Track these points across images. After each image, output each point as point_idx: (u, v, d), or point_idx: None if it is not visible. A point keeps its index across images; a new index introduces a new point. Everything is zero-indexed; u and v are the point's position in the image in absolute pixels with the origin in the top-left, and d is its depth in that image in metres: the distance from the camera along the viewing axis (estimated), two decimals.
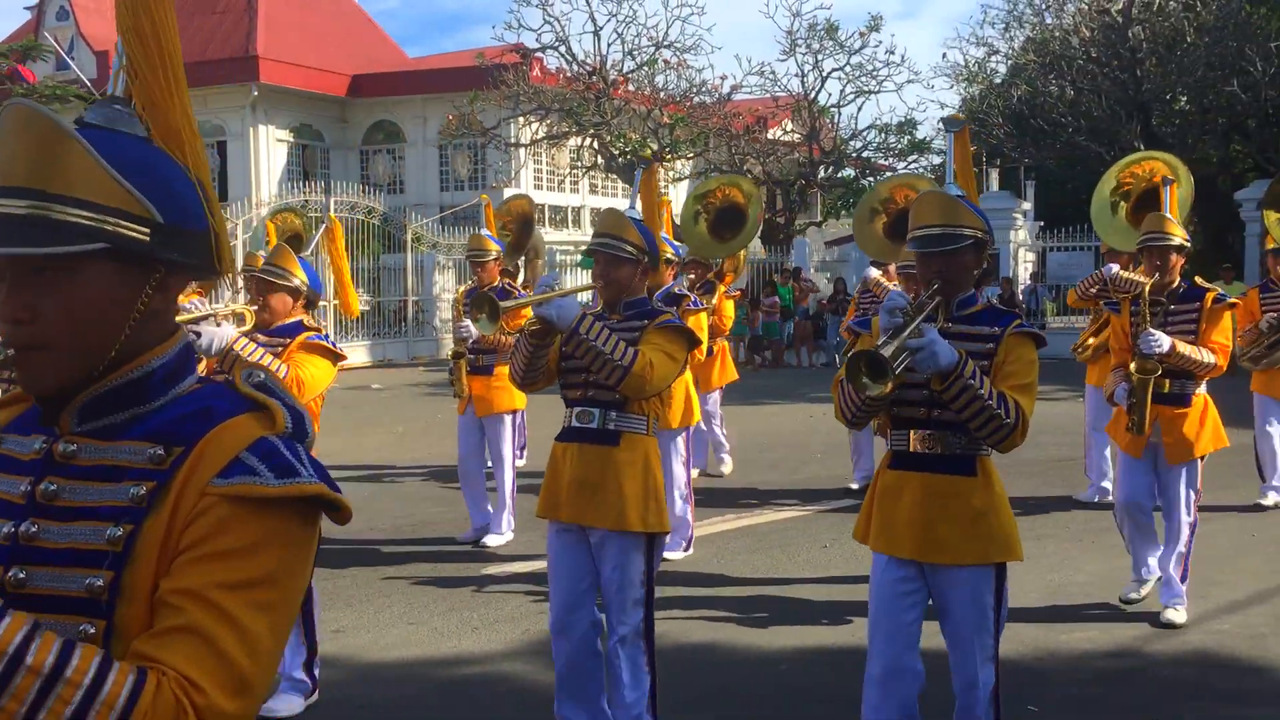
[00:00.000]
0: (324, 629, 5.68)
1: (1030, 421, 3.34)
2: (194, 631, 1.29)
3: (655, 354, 3.84)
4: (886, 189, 6.04)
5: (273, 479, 1.35)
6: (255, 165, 28.33)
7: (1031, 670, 5.11)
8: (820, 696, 4.79)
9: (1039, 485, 9.10)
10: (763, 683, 5.01)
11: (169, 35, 1.46)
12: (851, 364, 3.19)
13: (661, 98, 25.27)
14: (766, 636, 5.58)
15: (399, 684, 5.03)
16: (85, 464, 1.41)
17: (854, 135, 27.15)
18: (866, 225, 6.04)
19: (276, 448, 1.39)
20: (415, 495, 9.13)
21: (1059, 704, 4.76)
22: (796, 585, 6.43)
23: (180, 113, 1.47)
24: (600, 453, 3.97)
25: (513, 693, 4.92)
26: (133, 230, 1.36)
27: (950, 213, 3.48)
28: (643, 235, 4.06)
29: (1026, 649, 5.34)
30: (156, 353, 1.45)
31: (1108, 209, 6.45)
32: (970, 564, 3.44)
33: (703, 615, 5.91)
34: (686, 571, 6.73)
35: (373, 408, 15.04)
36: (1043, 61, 25.10)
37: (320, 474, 1.40)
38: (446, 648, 5.45)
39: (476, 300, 4.04)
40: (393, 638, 5.60)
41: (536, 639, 5.41)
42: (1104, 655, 5.30)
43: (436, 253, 22.84)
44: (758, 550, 7.26)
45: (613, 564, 3.97)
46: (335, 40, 30.67)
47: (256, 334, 4.51)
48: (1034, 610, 5.89)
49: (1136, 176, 6.38)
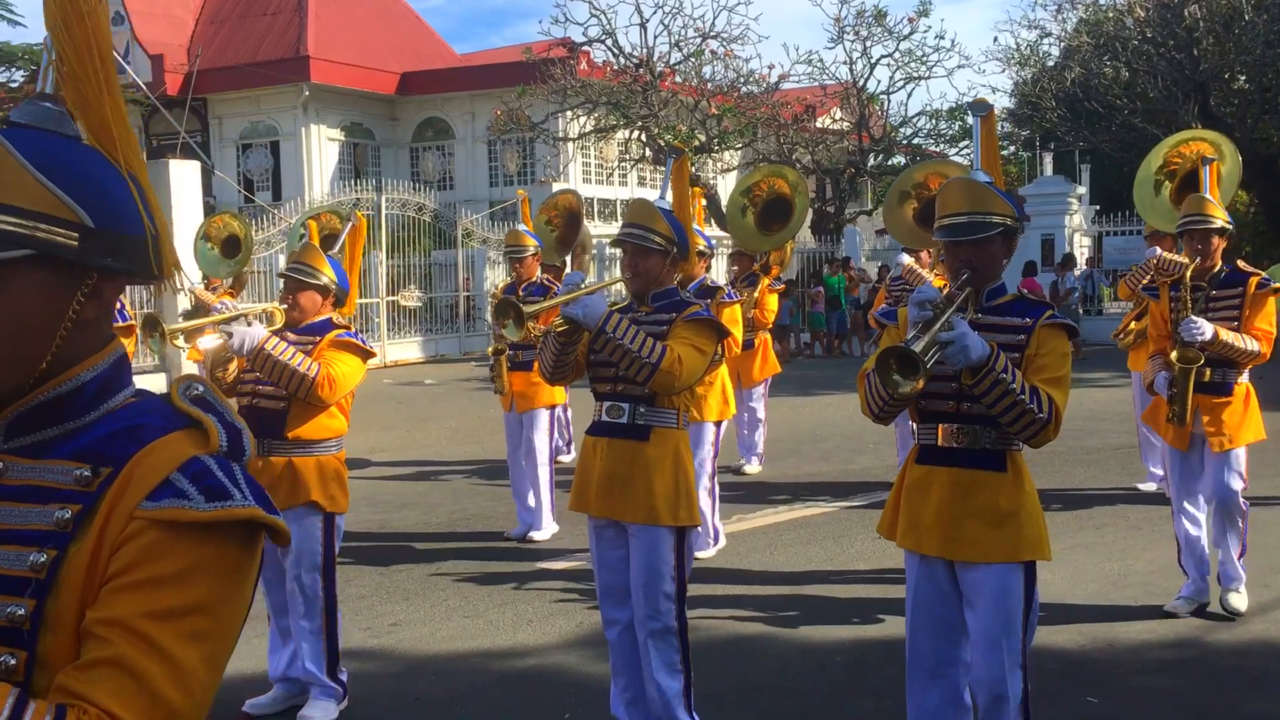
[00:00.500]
0: (381, 623, 5.77)
1: (1064, 415, 3.25)
2: (120, 664, 1.21)
3: (683, 349, 3.81)
4: (920, 174, 5.87)
5: (203, 502, 1.27)
6: (308, 164, 28.64)
7: (1091, 661, 5.06)
8: (868, 689, 4.77)
9: (1098, 473, 8.99)
10: (808, 675, 4.99)
11: (100, 30, 1.36)
12: (881, 360, 3.11)
13: (709, 89, 25.21)
14: (817, 629, 5.56)
15: (456, 677, 5.08)
16: (13, 484, 1.32)
17: (904, 122, 26.93)
18: (896, 211, 5.87)
19: (208, 468, 1.31)
20: (469, 490, 9.21)
21: (1119, 695, 4.70)
22: (849, 576, 6.40)
23: (112, 110, 1.37)
24: (630, 447, 3.95)
25: (569, 685, 4.95)
26: (61, 236, 1.29)
27: (978, 199, 3.36)
28: (672, 226, 4.01)
29: (1085, 640, 5.28)
30: (87, 364, 1.36)
31: (1151, 188, 6.23)
32: (997, 562, 3.34)
33: (750, 607, 5.90)
34: (733, 564, 6.73)
35: (426, 403, 15.18)
36: (1097, 43, 24.70)
37: (256, 495, 1.32)
38: (502, 641, 5.50)
39: (500, 307, 4.02)
40: (449, 631, 5.65)
41: (591, 632, 5.43)
42: (1165, 645, 5.23)
43: (487, 248, 22.96)
44: (811, 542, 7.24)
45: (643, 559, 3.95)
46: (384, 39, 30.90)
47: (286, 332, 4.55)
48: (1093, 600, 5.83)
49: (1184, 156, 6.14)
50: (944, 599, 3.44)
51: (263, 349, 4.29)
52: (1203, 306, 5.30)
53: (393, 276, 21.07)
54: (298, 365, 4.31)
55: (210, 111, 29.56)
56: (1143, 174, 6.28)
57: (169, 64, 28.15)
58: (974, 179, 3.43)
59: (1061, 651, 5.15)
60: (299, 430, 4.46)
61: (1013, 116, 30.29)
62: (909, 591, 3.55)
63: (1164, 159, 6.21)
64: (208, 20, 30.62)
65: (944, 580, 3.43)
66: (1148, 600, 5.79)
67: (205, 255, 9.13)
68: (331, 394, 4.38)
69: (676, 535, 3.96)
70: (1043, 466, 8.87)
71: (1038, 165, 28.67)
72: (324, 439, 4.53)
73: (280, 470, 4.45)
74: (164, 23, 29.53)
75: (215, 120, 29.77)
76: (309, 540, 4.50)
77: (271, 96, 28.56)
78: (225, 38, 29.68)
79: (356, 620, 5.83)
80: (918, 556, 3.48)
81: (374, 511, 8.37)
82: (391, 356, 20.56)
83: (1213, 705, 4.62)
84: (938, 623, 3.45)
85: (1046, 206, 23.08)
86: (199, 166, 17.71)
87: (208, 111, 29.50)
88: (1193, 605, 5.58)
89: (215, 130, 29.81)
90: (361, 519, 8.14)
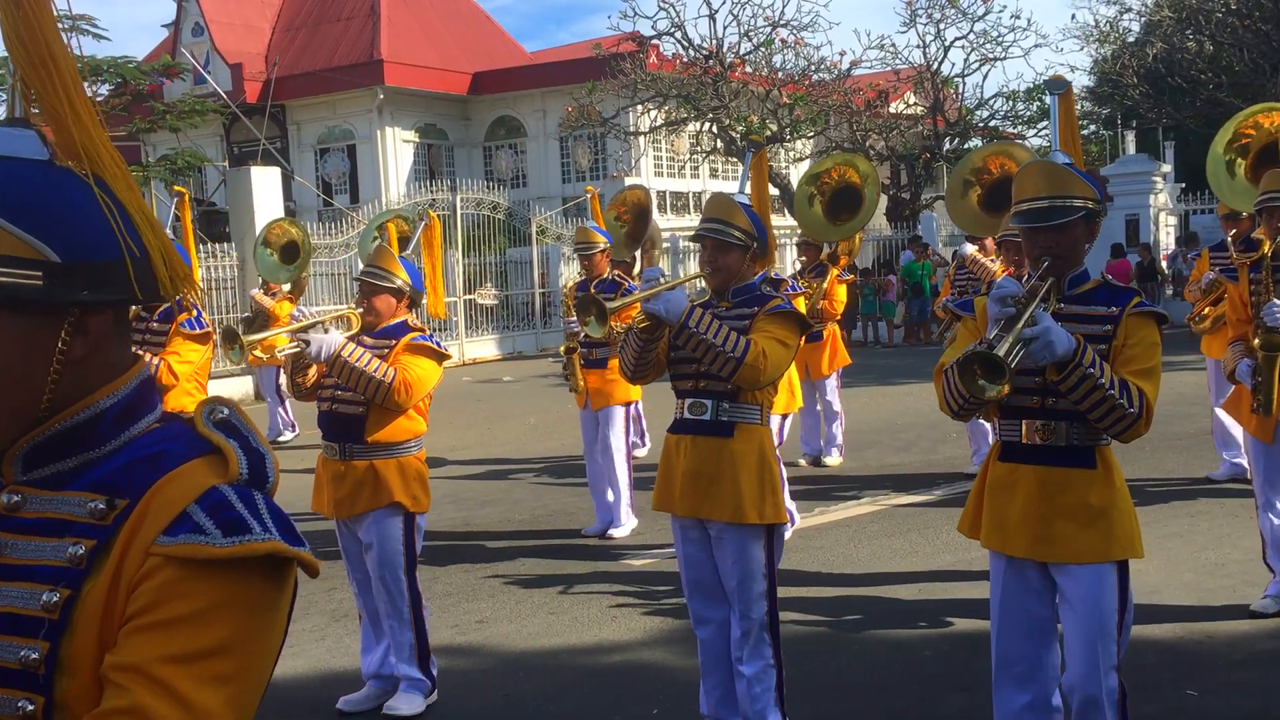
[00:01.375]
0: (467, 620, 5.82)
1: (1155, 408, 3.11)
2: (137, 714, 1.13)
3: (768, 342, 3.76)
4: (979, 158, 5.63)
5: (220, 537, 1.18)
6: (384, 167, 29.06)
7: (1189, 653, 4.93)
8: (959, 684, 4.69)
9: (1189, 460, 8.75)
10: (898, 671, 4.93)
11: (52, 38, 1.25)
12: (964, 365, 2.97)
13: (780, 78, 25.04)
14: (904, 624, 5.50)
15: (543, 674, 5.11)
16: (30, 516, 1.25)
17: (980, 104, 26.50)
18: (960, 200, 5.62)
19: (227, 499, 1.22)
20: (549, 486, 9.26)
21: (1219, 688, 4.57)
22: (935, 570, 6.31)
23: (83, 125, 1.27)
24: (714, 444, 3.90)
25: (657, 682, 4.94)
26: (22, 278, 1.19)
27: (1058, 182, 3.19)
28: (751, 220, 3.96)
29: (1183, 631, 5.15)
30: (106, 391, 1.28)
31: (1224, 168, 5.80)
32: (1090, 563, 3.22)
33: (836, 603, 5.85)
34: (818, 558, 6.68)
35: (505, 400, 15.30)
36: (1179, 17, 24.04)
37: (279, 525, 1.23)
38: (588, 637, 5.52)
39: (582, 303, 4.01)
40: (535, 628, 5.69)
41: (677, 628, 5.43)
42: (1265, 636, 5.07)
43: (561, 244, 23.08)
44: (895, 534, 7.16)
45: (733, 557, 3.91)
46: (455, 40, 31.21)
47: (363, 337, 4.60)
48: (1190, 590, 5.68)
49: (1260, 128, 5.71)
50: (1033, 601, 3.34)
51: (339, 356, 4.34)
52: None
53: (469, 275, 21.26)
54: (374, 371, 4.36)
55: (288, 117, 30.12)
56: (1213, 154, 5.87)
57: (248, 72, 28.74)
58: (1052, 161, 3.30)
59: (1158, 644, 5.02)
60: (379, 434, 4.52)
61: (1093, 95, 29.65)
62: (994, 592, 3.44)
63: (1234, 133, 5.79)
64: (284, 28, 31.19)
65: (1033, 581, 3.33)
66: (1246, 589, 5.62)
67: (265, 261, 9.30)
68: (409, 398, 4.43)
69: (766, 532, 3.92)
70: (1133, 454, 8.66)
71: (1120, 144, 28.02)
72: (404, 440, 4.59)
73: (363, 474, 4.52)
74: (242, 32, 30.14)
75: (293, 126, 30.32)
76: (392, 540, 4.57)
77: (347, 101, 29.02)
78: (301, 44, 30.21)
79: (443, 618, 5.90)
80: (1004, 557, 3.36)
81: (457, 510, 8.46)
82: (469, 354, 20.76)
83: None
84: (1026, 625, 3.35)
85: (1130, 186, 22.53)
86: (279, 172, 18.04)
87: (286, 118, 30.06)
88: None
89: (294, 136, 30.37)
90: (444, 517, 8.24)
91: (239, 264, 16.58)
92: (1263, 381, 4.94)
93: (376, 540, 4.56)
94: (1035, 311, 3.04)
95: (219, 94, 25.67)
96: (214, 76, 27.67)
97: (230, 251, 17.00)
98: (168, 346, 5.61)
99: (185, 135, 23.12)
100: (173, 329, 5.63)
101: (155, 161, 23.78)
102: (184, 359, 5.48)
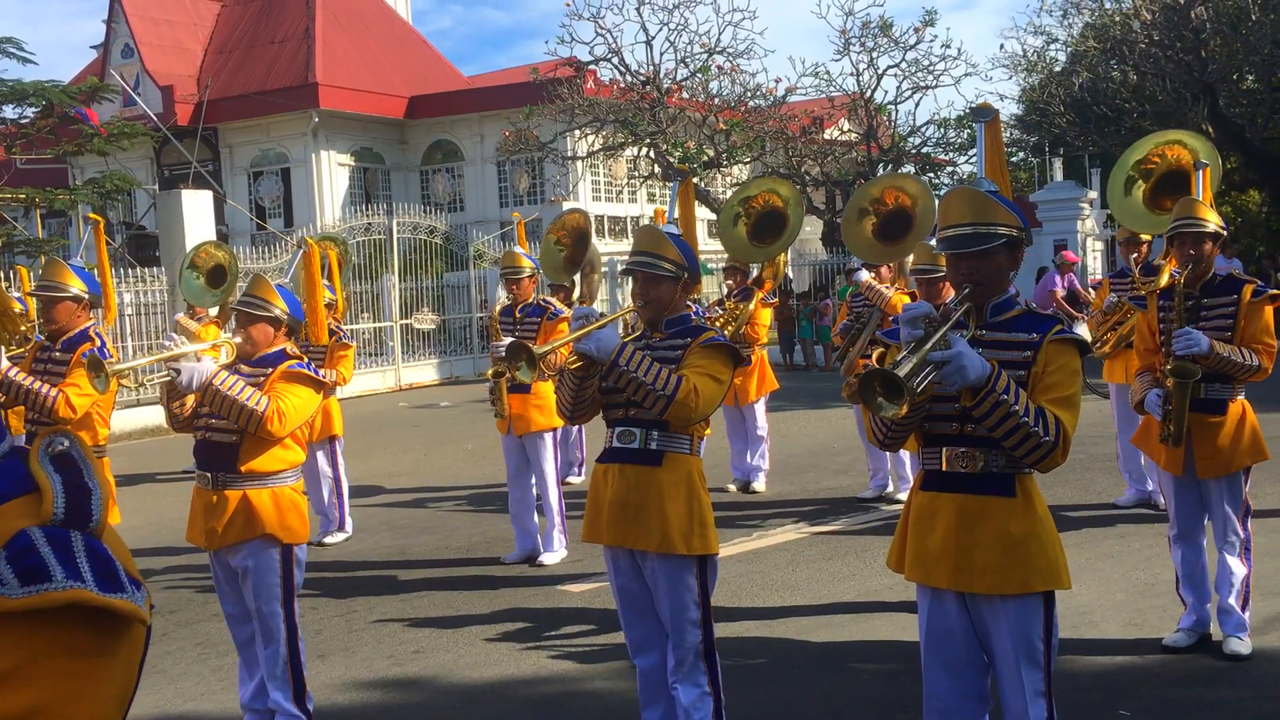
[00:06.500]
0: (403, 650, 5.73)
1: (1072, 437, 3.09)
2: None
3: (699, 378, 3.75)
4: (876, 189, 5.75)
5: (16, 587, 1.05)
6: (319, 191, 28.77)
7: (1122, 672, 4.99)
8: (901, 706, 4.71)
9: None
10: (840, 694, 4.94)
11: None
12: (865, 383, 2.92)
13: (716, 104, 25.23)
14: (846, 646, 5.51)
15: (482, 704, 5.04)
16: None
17: (912, 131, 26.89)
18: (855, 226, 5.69)
19: (31, 544, 1.09)
20: (487, 513, 9.18)
21: (1152, 706, 4.63)
22: (876, 591, 6.34)
23: None
24: (642, 473, 3.87)
25: (597, 710, 4.90)
26: None
27: (981, 210, 3.21)
28: (681, 250, 3.96)
29: (1116, 650, 5.22)
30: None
31: (1123, 184, 5.67)
32: (1011, 594, 3.18)
33: (776, 626, 5.86)
34: (757, 582, 6.68)
35: (442, 425, 15.16)
36: (1104, 47, 24.65)
37: (96, 569, 1.10)
38: (526, 666, 5.46)
39: (512, 350, 3.96)
40: (473, 657, 5.62)
41: (616, 655, 5.39)
42: (1197, 655, 5.15)
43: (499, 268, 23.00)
44: (834, 557, 7.19)
45: (664, 587, 3.89)
46: (391, 63, 31.05)
47: (240, 366, 4.55)
48: (1121, 609, 5.76)
49: (1163, 158, 5.62)
50: (957, 634, 3.30)
51: (210, 384, 4.28)
52: (1193, 317, 4.92)
53: (405, 299, 21.10)
54: (246, 400, 4.30)
55: (221, 140, 29.73)
56: (1120, 165, 5.73)
57: (179, 94, 28.34)
58: (976, 188, 3.31)
59: (1091, 664, 5.08)
60: (252, 463, 4.45)
61: (1021, 123, 30.25)
62: (920, 627, 3.42)
63: (1146, 154, 5.67)
64: (216, 50, 30.82)
65: (955, 614, 3.30)
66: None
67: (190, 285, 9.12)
68: (281, 427, 4.36)
69: (698, 562, 3.89)
70: (1064, 475, 8.79)
71: (1048, 170, 28.59)
72: (278, 470, 4.51)
73: (236, 504, 4.45)
74: (174, 54, 29.73)
75: (226, 149, 29.93)
76: (267, 572, 4.49)
77: (281, 124, 28.71)
78: (234, 67, 29.86)
79: (379, 648, 5.80)
80: (929, 589, 3.34)
81: (393, 537, 8.34)
82: (406, 380, 20.57)
83: (1250, 713, 4.55)
84: (951, 661, 3.32)
85: (1058, 212, 23.03)
86: (211, 196, 17.78)
87: (218, 140, 29.68)
88: (1194, 637, 5.22)
89: (226, 159, 29.97)
90: (381, 545, 8.12)
91: (168, 288, 16.30)
92: (1173, 411, 4.83)
93: (251, 571, 4.49)
94: (949, 335, 3.03)
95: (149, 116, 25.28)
96: (144, 98, 27.26)
97: (160, 276, 16.70)
98: (67, 378, 5.34)
99: (114, 158, 22.69)
100: (74, 359, 5.35)
101: (82, 184, 23.33)
102: (84, 391, 5.21)
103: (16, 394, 5.28)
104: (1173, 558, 5.35)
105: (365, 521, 8.69)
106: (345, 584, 7.15)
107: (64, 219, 26.56)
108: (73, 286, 5.52)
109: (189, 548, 5.08)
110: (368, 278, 20.87)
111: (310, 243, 5.42)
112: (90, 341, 5.45)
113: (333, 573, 7.42)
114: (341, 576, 7.34)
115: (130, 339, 16.35)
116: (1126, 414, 7.78)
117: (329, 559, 7.77)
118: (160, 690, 5.36)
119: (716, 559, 4.00)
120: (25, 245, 19.62)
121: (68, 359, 5.42)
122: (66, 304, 5.50)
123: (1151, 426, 5.12)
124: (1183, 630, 5.26)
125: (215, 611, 5.16)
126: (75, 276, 5.55)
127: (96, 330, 5.60)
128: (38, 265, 14.38)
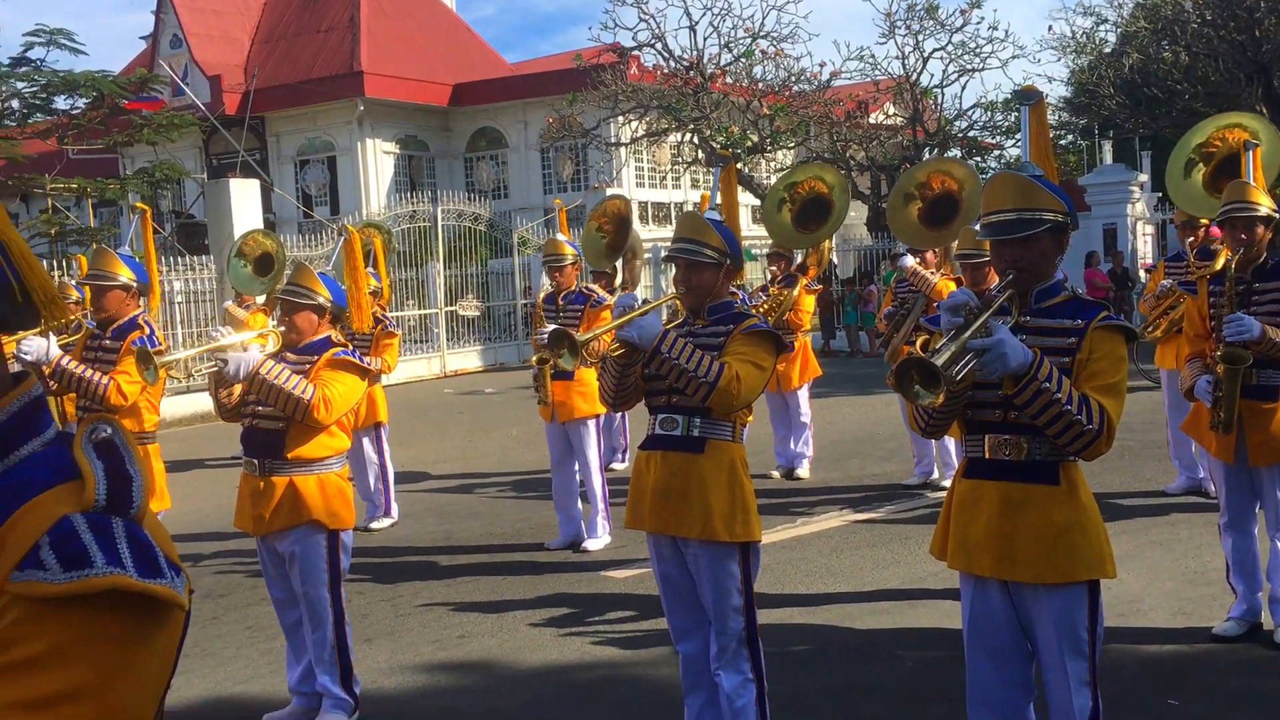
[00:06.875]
0: (448, 635, 5.79)
1: (1117, 424, 3.04)
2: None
3: (741, 365, 3.73)
4: (922, 174, 5.67)
5: (59, 572, 1.08)
6: (364, 179, 28.97)
7: (1171, 661, 4.94)
8: (941, 695, 4.67)
9: (1170, 468, 8.77)
10: (881, 681, 4.92)
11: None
12: (902, 370, 2.88)
13: (760, 89, 25.09)
14: (887, 633, 5.49)
15: (526, 688, 5.08)
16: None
17: (959, 115, 26.60)
18: (901, 212, 5.62)
19: (74, 530, 1.11)
20: (533, 499, 9.22)
21: (1202, 696, 4.58)
22: (917, 578, 6.31)
23: None
24: (684, 460, 3.86)
25: (641, 695, 4.92)
26: None
27: (1026, 195, 3.16)
28: (723, 236, 3.93)
29: (1164, 640, 5.16)
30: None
31: (1182, 167, 5.60)
32: (1054, 583, 3.16)
33: (818, 613, 5.84)
34: (800, 569, 6.67)
35: (488, 412, 15.25)
36: (1154, 27, 24.22)
37: (137, 556, 1.12)
38: (570, 651, 5.49)
39: (554, 337, 3.97)
40: (517, 642, 5.66)
41: (659, 640, 5.40)
42: (1247, 644, 5.08)
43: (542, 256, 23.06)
44: (879, 544, 7.16)
45: (706, 574, 3.88)
46: (436, 51, 31.17)
47: (286, 354, 4.59)
48: (1171, 598, 5.69)
49: (1224, 141, 5.54)
50: (1000, 623, 3.28)
51: (257, 373, 4.33)
52: (1244, 301, 4.83)
53: (450, 287, 21.21)
54: (292, 388, 4.35)
55: (268, 129, 30.00)
56: (1180, 148, 5.66)
57: (227, 84, 28.62)
58: (1020, 173, 3.26)
59: (1139, 653, 5.03)
60: (299, 450, 4.51)
61: (1070, 105, 29.82)
62: (964, 613, 3.40)
63: (1208, 136, 5.61)
64: (263, 40, 31.08)
65: (998, 602, 3.28)
66: (1227, 598, 5.62)
67: (238, 273, 9.20)
68: (328, 415, 4.42)
69: (740, 549, 3.89)
70: (1113, 463, 8.69)
71: (1097, 154, 28.19)
72: (324, 457, 4.57)
73: (282, 490, 4.51)
74: (221, 44, 30.03)
75: (273, 138, 30.21)
76: (314, 557, 4.56)
77: (327, 113, 28.92)
78: (281, 56, 30.11)
79: (425, 633, 5.86)
80: (971, 577, 3.32)
81: (439, 523, 8.41)
82: (451, 366, 20.70)
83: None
84: (994, 649, 3.30)
85: (1107, 196, 22.71)
86: (258, 184, 17.96)
87: (265, 129, 29.95)
88: (1245, 626, 5.15)
89: (273, 148, 30.25)
90: (426, 530, 8.19)
91: (217, 276, 16.50)
92: (1223, 397, 4.78)
93: (298, 556, 4.56)
94: (990, 323, 2.99)
95: (197, 106, 25.57)
96: (193, 88, 27.56)
97: (209, 264, 16.90)
98: (118, 365, 5.41)
99: (163, 148, 22.99)
100: (124, 347, 5.42)
101: (133, 174, 23.64)
102: (134, 378, 5.28)
103: (69, 381, 5.37)
104: (1223, 546, 5.29)
105: (410, 507, 8.78)
106: (391, 569, 7.22)
107: (115, 208, 26.93)
108: (121, 275, 5.60)
109: (238, 533, 5.15)
110: (413, 265, 21.01)
111: (351, 230, 5.45)
112: (139, 329, 5.53)
113: (378, 558, 7.49)
114: (387, 562, 7.42)
115: (180, 326, 16.59)
116: (1177, 400, 7.67)
117: (375, 544, 7.85)
118: (211, 673, 5.45)
119: (759, 546, 3.99)
120: (78, 234, 19.93)
121: (118, 346, 5.49)
122: (116, 292, 5.59)
123: (1201, 413, 5.05)
124: (1233, 619, 5.19)
125: (264, 596, 5.24)
126: (124, 265, 5.63)
127: (145, 318, 5.69)
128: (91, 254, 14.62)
